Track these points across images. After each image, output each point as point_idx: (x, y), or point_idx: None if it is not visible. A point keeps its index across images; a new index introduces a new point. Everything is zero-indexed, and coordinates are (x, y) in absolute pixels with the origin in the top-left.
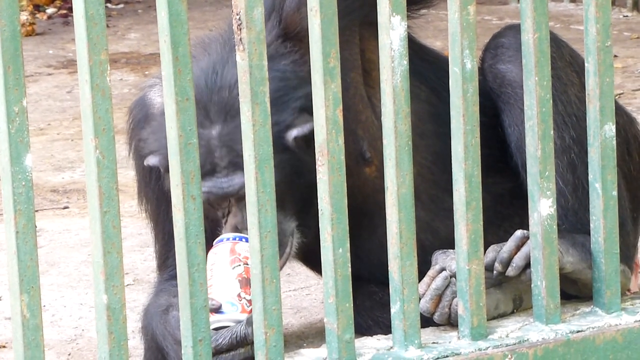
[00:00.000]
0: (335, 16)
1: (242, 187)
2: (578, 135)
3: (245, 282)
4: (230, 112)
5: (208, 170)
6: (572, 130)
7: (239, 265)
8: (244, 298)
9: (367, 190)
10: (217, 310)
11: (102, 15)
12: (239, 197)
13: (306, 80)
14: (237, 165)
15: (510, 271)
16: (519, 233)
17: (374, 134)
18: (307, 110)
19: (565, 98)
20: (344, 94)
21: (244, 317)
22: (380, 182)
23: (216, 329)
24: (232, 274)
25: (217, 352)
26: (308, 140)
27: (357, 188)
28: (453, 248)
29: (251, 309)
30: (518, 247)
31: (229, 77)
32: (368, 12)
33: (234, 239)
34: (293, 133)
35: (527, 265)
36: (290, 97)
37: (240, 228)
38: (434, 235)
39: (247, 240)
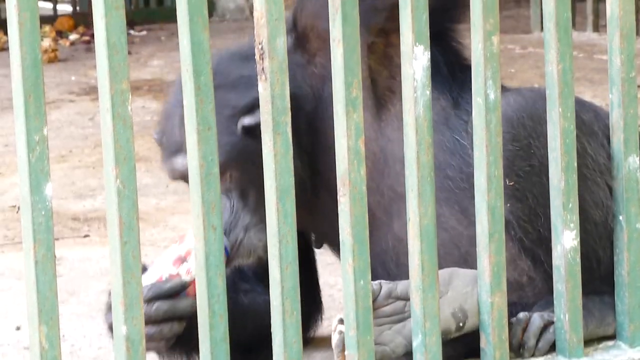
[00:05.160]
0: (358, 46)
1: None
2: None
3: (179, 260)
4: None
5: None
6: (545, 223)
7: (188, 247)
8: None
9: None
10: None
11: (124, 44)
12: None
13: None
14: None
15: (536, 352)
16: (537, 321)
17: (370, 135)
18: None
19: (539, 189)
20: None
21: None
22: (371, 184)
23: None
24: (176, 252)
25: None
26: (255, 130)
27: None
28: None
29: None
30: (540, 333)
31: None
32: (374, 18)
33: None
34: (244, 121)
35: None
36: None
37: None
38: None
39: None
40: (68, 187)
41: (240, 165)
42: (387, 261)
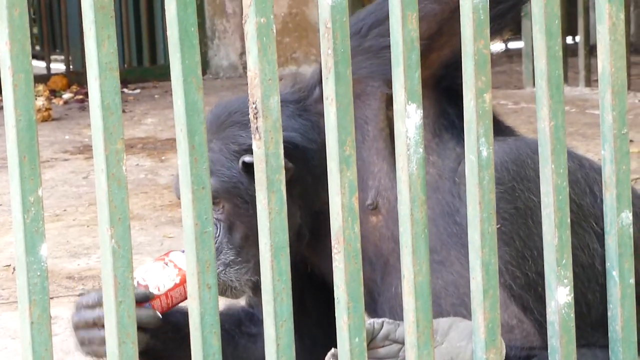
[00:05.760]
0: (351, 105)
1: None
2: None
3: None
4: (218, 130)
5: None
6: (533, 266)
7: (165, 263)
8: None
9: (372, 238)
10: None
11: (118, 105)
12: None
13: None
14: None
15: None
16: None
17: (386, 184)
18: None
19: (525, 232)
20: (360, 145)
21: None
22: (385, 232)
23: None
24: (153, 265)
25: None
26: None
27: (362, 236)
28: (440, 302)
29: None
30: None
31: (230, 109)
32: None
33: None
34: (245, 158)
35: None
36: None
37: None
38: None
39: None
40: (62, 245)
41: (233, 198)
42: (395, 306)
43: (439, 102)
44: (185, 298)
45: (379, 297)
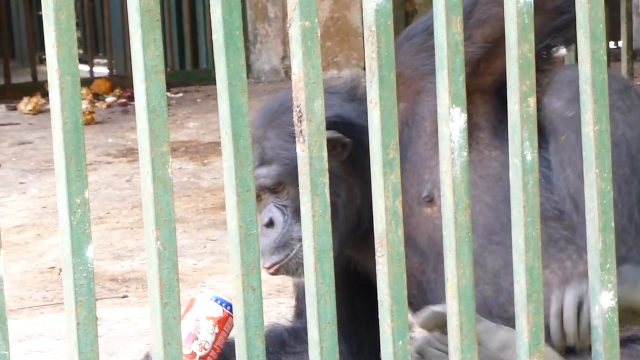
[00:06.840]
0: (395, 108)
1: (263, 178)
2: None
3: (190, 337)
4: (273, 119)
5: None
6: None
7: (196, 320)
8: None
9: (427, 228)
10: None
11: (164, 107)
12: (262, 189)
13: None
14: (263, 161)
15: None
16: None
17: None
18: None
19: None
20: (417, 141)
21: None
22: (439, 222)
23: None
24: (186, 327)
25: None
26: None
27: (416, 227)
28: (499, 281)
29: None
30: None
31: (282, 100)
32: None
33: (212, 298)
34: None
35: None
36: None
37: (261, 224)
38: (482, 268)
39: (218, 302)
40: (106, 248)
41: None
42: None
43: (499, 107)
44: (228, 334)
45: (428, 286)
